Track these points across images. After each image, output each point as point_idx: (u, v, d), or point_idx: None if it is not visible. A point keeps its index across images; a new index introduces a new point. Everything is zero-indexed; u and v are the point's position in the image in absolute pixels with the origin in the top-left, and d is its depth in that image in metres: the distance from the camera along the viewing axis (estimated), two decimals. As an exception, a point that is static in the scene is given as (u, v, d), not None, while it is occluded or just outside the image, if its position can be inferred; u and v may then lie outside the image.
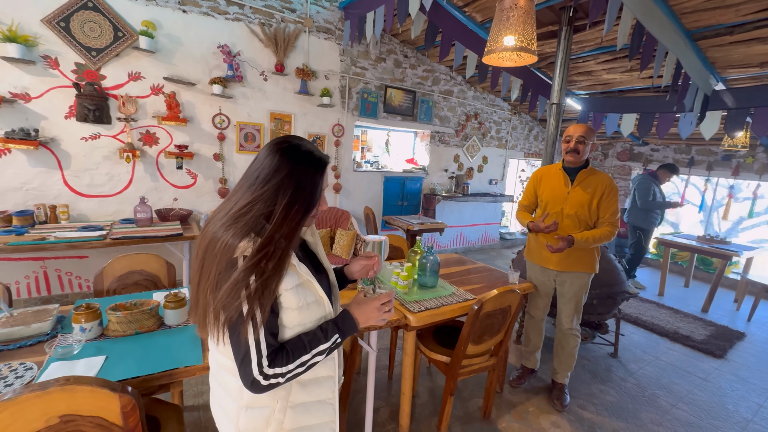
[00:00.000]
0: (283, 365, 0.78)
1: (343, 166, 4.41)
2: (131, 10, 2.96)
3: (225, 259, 0.76)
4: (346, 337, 0.88)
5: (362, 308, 0.90)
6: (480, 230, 6.10)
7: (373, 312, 0.91)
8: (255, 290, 0.74)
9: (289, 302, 0.81)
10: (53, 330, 1.35)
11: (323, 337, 0.83)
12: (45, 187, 2.90)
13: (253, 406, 0.85)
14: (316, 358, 0.82)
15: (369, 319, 0.91)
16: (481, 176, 5.92)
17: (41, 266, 3.00)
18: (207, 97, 3.39)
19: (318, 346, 0.82)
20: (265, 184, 0.80)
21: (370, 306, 0.91)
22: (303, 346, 0.81)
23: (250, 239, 0.76)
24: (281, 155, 0.82)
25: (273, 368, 0.77)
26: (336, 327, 0.86)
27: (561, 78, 3.08)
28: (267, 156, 0.82)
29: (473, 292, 2.03)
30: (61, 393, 0.86)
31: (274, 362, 0.77)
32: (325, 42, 3.97)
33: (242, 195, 0.81)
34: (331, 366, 0.93)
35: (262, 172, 0.81)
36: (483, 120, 5.67)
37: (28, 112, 2.75)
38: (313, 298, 0.86)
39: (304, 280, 0.84)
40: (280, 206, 0.79)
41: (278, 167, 0.80)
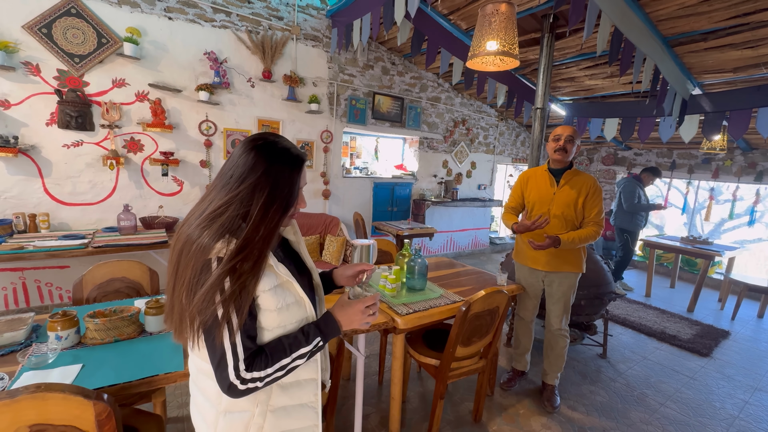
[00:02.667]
0: (261, 369, 0.76)
1: (332, 173, 4.41)
2: (116, 17, 2.95)
3: (200, 261, 0.73)
4: (329, 339, 0.87)
5: (345, 310, 0.88)
6: (470, 235, 6.13)
7: (357, 315, 0.89)
8: (231, 293, 0.72)
9: (268, 304, 0.80)
10: (28, 339, 1.31)
11: (304, 340, 0.81)
12: (25, 195, 2.83)
13: (232, 411, 0.83)
14: (296, 361, 0.80)
15: (352, 322, 0.89)
16: (470, 181, 5.98)
17: (20, 277, 2.91)
18: (193, 104, 3.37)
19: (299, 350, 0.80)
20: (240, 183, 0.77)
21: (353, 309, 0.89)
22: (283, 349, 0.79)
23: (225, 240, 0.74)
24: (256, 153, 0.79)
25: (251, 372, 0.75)
26: (318, 329, 0.84)
27: (544, 84, 3.14)
28: (242, 154, 0.79)
29: (462, 294, 2.03)
30: (32, 401, 0.83)
31: (252, 366, 0.75)
32: (312, 49, 4.00)
33: (217, 195, 0.78)
34: (313, 368, 0.91)
35: (236, 170, 0.78)
36: (471, 126, 5.74)
37: (8, 119, 2.70)
38: (293, 299, 0.84)
39: (283, 281, 0.82)
40: (256, 206, 0.76)
41: (253, 166, 0.78)
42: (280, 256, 0.92)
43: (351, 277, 1.12)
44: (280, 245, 0.96)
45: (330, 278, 1.15)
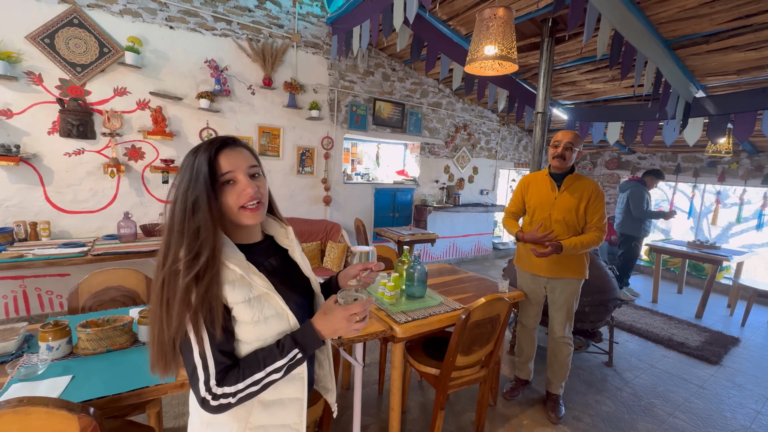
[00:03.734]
0: (232, 384, 0.73)
1: (333, 179, 4.40)
2: (117, 27, 2.98)
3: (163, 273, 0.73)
4: (310, 351, 0.80)
5: (328, 318, 0.80)
6: (473, 241, 6.08)
7: (341, 323, 0.78)
8: (196, 303, 0.70)
9: (243, 316, 0.77)
10: (19, 349, 1.29)
11: (279, 352, 0.77)
12: (26, 203, 2.84)
13: (212, 424, 0.81)
14: (271, 376, 0.76)
15: (336, 331, 0.79)
16: (472, 187, 5.95)
17: (21, 285, 2.91)
18: (194, 111, 3.39)
19: (273, 363, 0.76)
20: (176, 188, 0.77)
21: (336, 316, 0.79)
22: (257, 363, 0.75)
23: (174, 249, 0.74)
24: (184, 159, 0.79)
25: (222, 387, 0.72)
26: (293, 341, 0.78)
27: (545, 88, 3.13)
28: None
29: (463, 301, 1.99)
30: (14, 416, 0.81)
31: (223, 381, 0.72)
32: (313, 56, 4.01)
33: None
34: (299, 387, 0.86)
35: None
36: (472, 131, 5.73)
37: (10, 128, 2.72)
38: (272, 311, 0.80)
39: (261, 293, 0.79)
40: (177, 207, 0.75)
41: (181, 169, 0.78)
42: (273, 266, 0.89)
43: (354, 277, 1.04)
44: (270, 251, 0.93)
45: (336, 282, 1.10)
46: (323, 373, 1.03)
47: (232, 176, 0.78)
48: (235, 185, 0.78)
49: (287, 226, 0.98)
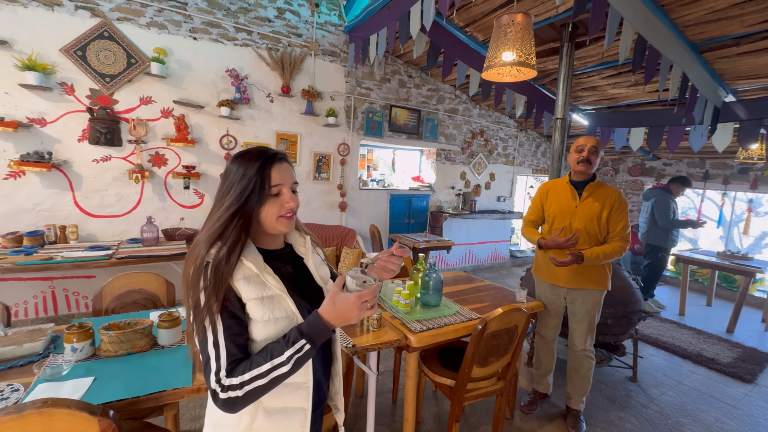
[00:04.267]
0: (239, 374, 0.73)
1: (348, 185, 4.43)
2: (144, 38, 3.10)
3: (190, 267, 0.78)
4: (317, 342, 0.77)
5: (336, 307, 0.76)
6: (489, 248, 5.99)
7: (352, 310, 0.75)
8: (209, 295, 0.74)
9: (254, 313, 0.79)
10: (46, 350, 1.34)
11: (285, 344, 0.75)
12: (56, 207, 2.97)
13: (219, 425, 0.83)
14: (278, 369, 0.74)
15: (348, 319, 0.76)
16: (488, 193, 5.87)
17: (49, 286, 3.04)
18: (215, 119, 3.48)
19: (279, 355, 0.74)
20: (219, 191, 0.84)
21: (346, 303, 0.75)
22: (264, 355, 0.75)
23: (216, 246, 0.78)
24: (231, 161, 0.84)
25: (230, 378, 0.72)
26: (299, 332, 0.76)
27: (564, 94, 3.06)
28: (226, 166, 0.86)
29: (479, 311, 1.95)
30: (38, 416, 0.83)
31: (233, 372, 0.73)
32: (330, 64, 4.07)
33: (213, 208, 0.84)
34: (303, 397, 0.84)
35: (221, 182, 0.85)
36: (489, 137, 5.67)
37: (43, 136, 2.86)
38: (283, 313, 0.81)
39: (273, 294, 0.81)
40: (223, 207, 0.80)
41: (227, 171, 0.84)
42: (287, 272, 0.90)
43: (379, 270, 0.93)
44: (288, 259, 0.94)
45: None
46: (334, 390, 1.02)
47: (279, 189, 0.84)
48: (279, 197, 0.84)
49: (306, 235, 0.99)
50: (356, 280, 0.80)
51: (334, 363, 1.00)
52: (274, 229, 0.85)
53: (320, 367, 0.93)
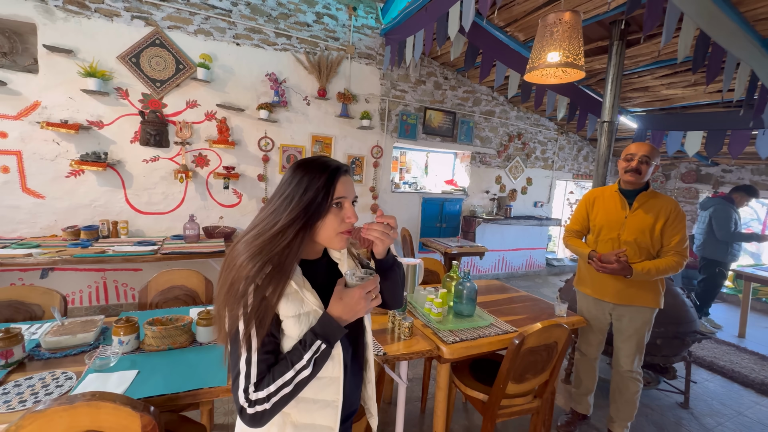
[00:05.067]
0: (266, 386, 0.73)
1: (381, 188, 4.42)
2: (192, 45, 3.26)
3: (236, 275, 0.75)
4: (333, 340, 0.77)
5: (344, 302, 0.78)
6: (524, 255, 5.76)
7: (359, 303, 0.78)
8: (252, 310, 0.72)
9: (290, 330, 0.77)
10: (96, 341, 1.42)
11: (302, 348, 0.75)
12: (110, 204, 3.19)
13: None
14: (301, 373, 0.74)
15: (356, 312, 0.78)
16: (525, 198, 5.66)
17: (102, 277, 3.26)
18: (254, 122, 3.60)
19: (299, 360, 0.74)
20: (278, 198, 0.81)
21: (352, 297, 0.78)
22: (286, 364, 0.75)
23: (259, 259, 0.75)
24: (293, 168, 0.83)
25: (256, 392, 0.73)
26: (314, 335, 0.76)
27: (613, 95, 2.88)
28: (285, 174, 0.84)
29: (515, 323, 1.86)
30: (87, 408, 0.87)
31: (259, 386, 0.73)
32: (366, 67, 4.09)
33: (264, 213, 0.82)
34: (331, 415, 0.83)
35: (278, 189, 0.83)
36: (527, 140, 5.46)
37: (100, 137, 3.07)
38: None
39: (310, 310, 0.79)
40: (283, 214, 0.78)
41: (289, 179, 0.81)
42: (323, 282, 0.88)
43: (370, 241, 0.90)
44: (325, 268, 0.92)
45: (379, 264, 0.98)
46: (368, 395, 1.00)
47: (342, 201, 0.82)
48: (341, 210, 0.82)
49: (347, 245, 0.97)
50: (355, 275, 0.82)
51: (366, 370, 0.99)
52: (330, 244, 0.84)
53: (352, 377, 0.91)
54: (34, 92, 2.85)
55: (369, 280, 0.81)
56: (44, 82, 2.86)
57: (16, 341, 1.23)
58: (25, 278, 3.02)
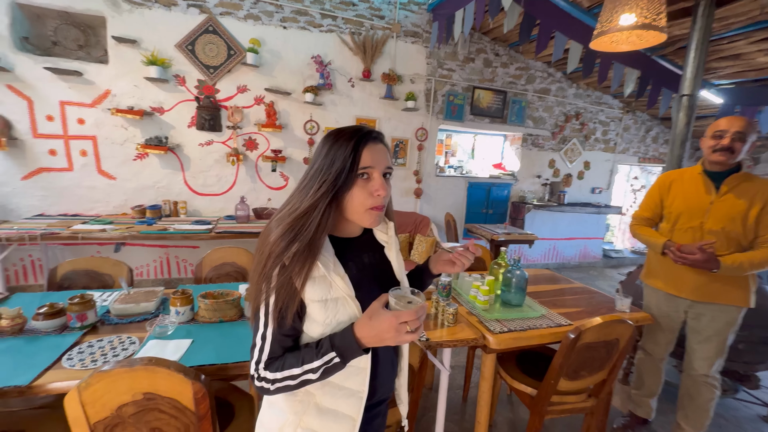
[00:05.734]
0: (273, 371, 0.72)
1: (425, 171, 4.31)
2: (242, 30, 3.34)
3: (266, 253, 0.72)
4: (347, 358, 0.70)
5: (372, 324, 0.68)
6: (578, 245, 5.38)
7: (388, 331, 0.66)
8: (274, 288, 0.70)
9: (316, 315, 0.73)
10: (157, 310, 1.52)
11: (316, 352, 0.71)
12: (171, 185, 3.43)
13: (273, 405, 0.82)
14: (307, 374, 0.71)
15: (382, 340, 0.68)
16: (581, 184, 5.24)
17: (165, 253, 3.55)
18: (300, 105, 3.64)
19: (309, 362, 0.70)
20: (309, 172, 0.76)
21: (383, 322, 0.67)
22: (298, 358, 0.72)
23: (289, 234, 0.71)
24: (323, 140, 0.77)
25: (265, 371, 0.72)
26: (331, 344, 0.71)
27: (696, 64, 2.51)
28: (318, 145, 0.79)
29: (569, 316, 1.72)
30: (145, 372, 0.92)
31: (269, 366, 0.72)
32: (411, 46, 3.95)
33: (297, 189, 0.78)
34: (355, 405, 0.78)
35: (311, 162, 0.78)
36: (586, 120, 5.01)
37: (162, 123, 3.28)
38: (346, 318, 0.75)
39: (339, 296, 0.74)
40: (311, 192, 0.73)
41: (318, 151, 0.76)
42: (364, 262, 0.84)
43: (447, 263, 0.95)
44: (368, 247, 0.87)
45: (427, 270, 1.02)
46: (399, 383, 0.95)
47: (369, 171, 0.74)
48: (368, 181, 0.75)
49: (389, 222, 0.91)
50: (399, 299, 0.71)
51: (400, 359, 0.94)
52: (360, 221, 0.77)
53: (388, 365, 0.87)
54: (105, 81, 3.09)
55: (410, 309, 0.68)
56: (113, 71, 3.10)
57: (89, 306, 1.36)
58: (102, 251, 3.36)
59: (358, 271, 0.80)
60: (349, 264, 0.80)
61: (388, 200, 0.83)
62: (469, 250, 0.93)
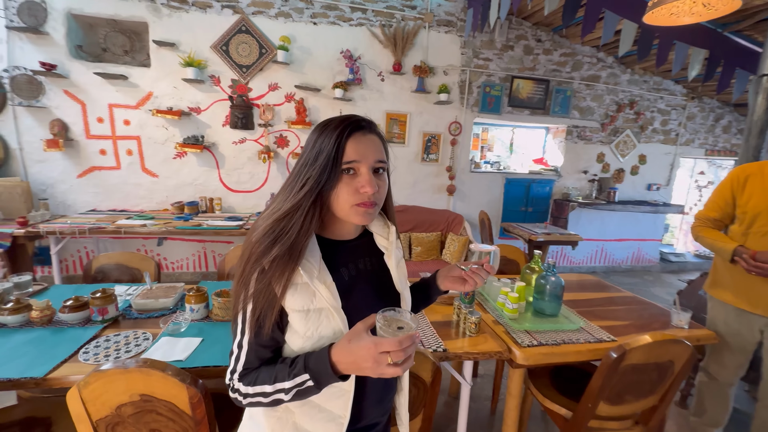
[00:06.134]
0: (246, 384, 0.66)
1: (459, 167, 4.13)
2: (272, 28, 3.37)
3: (247, 254, 0.66)
4: (322, 383, 0.62)
5: (350, 349, 0.58)
6: (630, 247, 4.90)
7: (366, 360, 0.56)
8: (252, 294, 0.63)
9: (296, 326, 0.65)
10: (175, 306, 1.54)
11: (288, 372, 0.63)
12: (207, 182, 3.55)
13: (252, 418, 0.76)
14: (278, 394, 0.63)
15: (360, 368, 0.58)
16: (635, 180, 4.75)
17: (203, 247, 3.69)
18: (329, 101, 3.61)
19: (282, 381, 0.63)
20: (297, 165, 0.70)
21: (361, 350, 0.57)
22: (270, 375, 0.64)
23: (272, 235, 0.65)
24: (312, 130, 0.71)
25: (239, 383, 0.66)
26: (304, 365, 0.62)
27: (781, 36, 2.12)
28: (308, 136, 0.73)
29: (613, 331, 1.51)
30: (139, 374, 0.90)
31: (243, 378, 0.67)
32: (445, 36, 3.77)
33: (285, 183, 0.71)
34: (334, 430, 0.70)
35: (301, 153, 0.71)
36: (642, 109, 4.52)
37: (198, 122, 3.41)
38: (329, 332, 0.66)
39: (322, 307, 0.66)
40: (296, 189, 0.66)
41: (307, 142, 0.70)
42: (359, 268, 0.75)
43: (458, 280, 0.86)
44: (365, 251, 0.79)
45: (434, 283, 0.92)
46: (399, 403, 0.85)
47: (355, 166, 0.66)
48: (354, 177, 0.67)
49: (391, 225, 0.82)
50: (389, 323, 0.60)
51: (399, 378, 0.84)
52: (348, 218, 0.69)
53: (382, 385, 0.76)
54: (148, 84, 3.26)
55: (397, 337, 0.56)
56: (155, 74, 3.25)
57: (110, 301, 1.39)
58: (147, 245, 3.57)
59: (349, 279, 0.72)
60: (340, 270, 0.72)
61: (384, 199, 0.74)
62: (483, 268, 0.84)
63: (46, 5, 2.98)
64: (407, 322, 0.61)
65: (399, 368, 0.56)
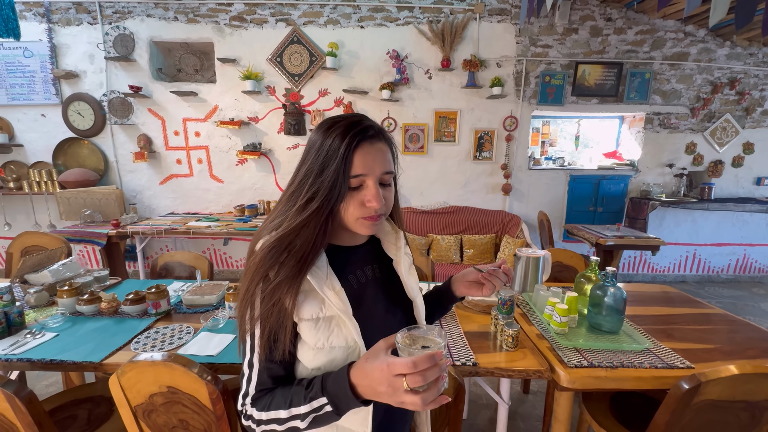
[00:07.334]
0: (259, 409, 0.61)
1: (515, 165, 3.85)
2: (321, 36, 3.48)
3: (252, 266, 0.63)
4: (341, 408, 0.56)
5: (365, 370, 0.53)
6: (732, 253, 4.12)
7: (380, 384, 0.50)
8: (260, 310, 0.60)
9: (306, 336, 0.62)
10: (218, 303, 1.64)
11: (305, 395, 0.57)
12: (265, 186, 3.79)
13: None
14: (293, 421, 0.58)
15: (376, 393, 0.51)
16: (738, 173, 3.98)
17: (262, 247, 3.95)
18: (377, 103, 3.62)
19: (297, 406, 0.57)
20: (299, 170, 0.65)
21: (374, 371, 0.51)
22: (286, 399, 0.59)
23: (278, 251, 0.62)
24: (314, 131, 0.66)
25: (252, 408, 0.62)
26: (322, 387, 0.57)
27: None
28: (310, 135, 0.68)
29: (690, 356, 1.25)
30: (164, 367, 0.96)
31: (256, 402, 0.62)
32: (498, 25, 3.55)
33: (287, 192, 0.67)
34: None
35: (303, 154, 0.67)
36: (747, 88, 3.78)
37: (257, 131, 3.65)
38: (341, 342, 0.62)
39: (333, 315, 0.62)
40: (299, 205, 0.62)
41: (307, 147, 0.66)
42: (366, 275, 0.71)
43: (474, 284, 0.80)
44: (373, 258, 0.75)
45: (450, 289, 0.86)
46: (420, 420, 0.78)
47: (362, 181, 0.63)
48: (360, 191, 0.63)
49: (399, 231, 0.78)
50: (413, 341, 0.53)
51: None
52: (353, 229, 0.66)
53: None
54: (214, 98, 3.58)
55: (416, 356, 0.48)
56: (220, 89, 3.57)
57: (163, 296, 1.53)
58: (215, 244, 3.92)
59: (358, 286, 0.69)
60: (348, 277, 0.69)
61: (391, 206, 0.69)
62: (501, 270, 0.78)
63: (134, 36, 3.44)
64: (435, 340, 0.54)
65: (418, 397, 0.48)
